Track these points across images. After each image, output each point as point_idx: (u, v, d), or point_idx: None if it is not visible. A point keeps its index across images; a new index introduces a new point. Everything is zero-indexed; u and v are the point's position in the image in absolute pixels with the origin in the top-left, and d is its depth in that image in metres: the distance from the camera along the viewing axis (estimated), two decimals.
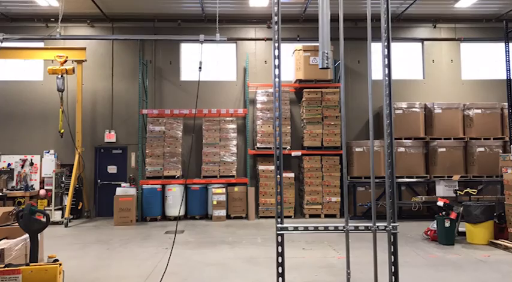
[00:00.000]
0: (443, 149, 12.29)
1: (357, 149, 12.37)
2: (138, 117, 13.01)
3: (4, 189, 12.22)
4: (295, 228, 3.71)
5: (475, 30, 14.11)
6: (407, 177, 12.18)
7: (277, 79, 3.67)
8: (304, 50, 12.78)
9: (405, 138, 12.44)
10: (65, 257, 6.02)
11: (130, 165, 13.39)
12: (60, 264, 4.37)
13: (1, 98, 13.37)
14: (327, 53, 4.02)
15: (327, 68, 4.06)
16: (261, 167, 12.65)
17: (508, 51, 11.16)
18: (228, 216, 12.33)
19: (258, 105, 12.87)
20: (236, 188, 12.47)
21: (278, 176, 3.70)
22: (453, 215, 8.73)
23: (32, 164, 12.85)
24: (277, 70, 3.67)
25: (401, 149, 12.33)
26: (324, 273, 6.66)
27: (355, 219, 11.75)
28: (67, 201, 11.82)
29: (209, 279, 6.57)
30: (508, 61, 11.15)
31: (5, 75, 13.64)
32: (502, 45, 11.73)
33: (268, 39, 13.76)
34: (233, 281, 6.45)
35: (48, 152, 12.87)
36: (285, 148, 12.44)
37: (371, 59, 3.73)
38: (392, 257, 3.61)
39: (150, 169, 12.51)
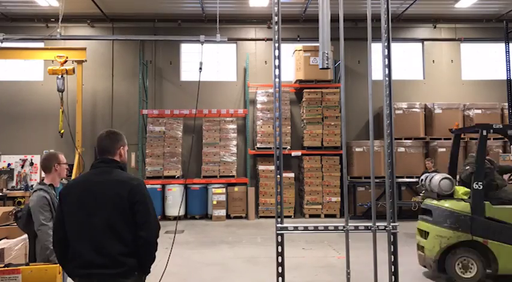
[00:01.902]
0: (444, 149, 12.28)
1: (357, 149, 12.36)
2: (138, 117, 13.01)
3: (4, 189, 12.21)
4: (295, 228, 3.71)
5: (475, 31, 14.10)
6: (407, 177, 12.18)
7: (277, 79, 3.67)
8: (304, 50, 12.78)
9: (405, 139, 12.44)
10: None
11: (130, 165, 13.38)
12: None
13: (1, 98, 13.37)
14: (327, 53, 4.02)
15: (327, 68, 4.06)
16: (261, 167, 12.65)
17: (508, 51, 11.16)
18: (228, 216, 12.33)
19: (258, 106, 12.87)
20: (236, 188, 12.47)
21: (278, 176, 3.70)
22: None
23: (32, 164, 12.84)
24: (277, 70, 3.66)
25: (402, 149, 12.33)
26: (324, 273, 6.66)
27: (355, 219, 11.75)
28: None
29: (209, 279, 6.57)
30: (508, 61, 11.16)
31: (5, 75, 13.65)
32: (502, 45, 11.74)
33: (268, 39, 13.76)
34: (233, 280, 6.45)
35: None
36: (285, 148, 12.44)
37: (371, 59, 3.73)
38: (392, 257, 3.61)
39: (150, 169, 12.51)
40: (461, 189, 6.33)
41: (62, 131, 12.13)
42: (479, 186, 6.05)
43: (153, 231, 2.78)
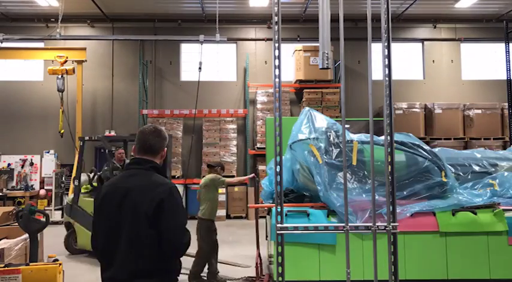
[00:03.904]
0: None
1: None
2: (138, 117, 13.01)
3: (4, 189, 12.22)
4: (295, 228, 3.71)
5: (475, 30, 14.10)
6: None
7: (277, 79, 3.67)
8: (304, 50, 12.78)
9: None
10: (64, 256, 6.02)
11: None
12: (60, 264, 4.36)
13: (1, 98, 13.37)
14: (327, 53, 4.02)
15: (327, 68, 4.05)
16: (261, 167, 12.63)
17: (508, 51, 11.15)
18: (228, 216, 12.33)
19: (258, 106, 12.88)
20: (236, 188, 12.46)
21: (278, 176, 3.70)
22: None
23: (32, 164, 12.85)
24: (277, 70, 3.66)
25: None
26: None
27: None
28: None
29: None
30: (508, 61, 11.14)
31: (5, 75, 13.64)
32: (502, 45, 11.72)
33: (268, 39, 13.75)
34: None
35: (48, 152, 12.87)
36: None
37: (371, 59, 3.73)
38: (392, 257, 3.61)
39: None
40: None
41: (62, 131, 12.14)
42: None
43: None
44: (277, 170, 3.66)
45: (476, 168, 5.91)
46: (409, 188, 5.14)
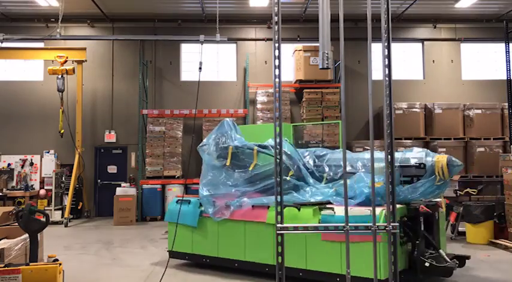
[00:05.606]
0: (444, 149, 12.26)
1: (357, 149, 12.35)
2: (138, 117, 13.01)
3: (4, 189, 12.22)
4: (295, 228, 3.72)
5: (475, 30, 14.10)
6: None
7: (277, 79, 3.67)
8: (304, 50, 12.78)
9: (405, 139, 12.42)
10: (64, 256, 6.03)
11: (130, 165, 13.39)
12: (60, 264, 4.37)
13: (1, 98, 13.37)
14: (327, 53, 4.02)
15: (327, 68, 4.06)
16: None
17: (508, 51, 11.15)
18: None
19: (258, 106, 12.88)
20: None
21: (278, 175, 3.70)
22: (453, 215, 8.74)
23: (32, 164, 12.85)
24: (277, 70, 3.66)
25: (401, 149, 12.30)
26: None
27: None
28: (67, 201, 11.82)
29: (209, 278, 6.57)
30: (508, 61, 11.14)
31: (5, 75, 13.64)
32: (502, 45, 11.72)
33: (268, 39, 13.76)
34: (234, 280, 6.45)
35: (48, 152, 12.87)
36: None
37: (371, 59, 3.73)
38: (392, 257, 3.61)
39: (150, 169, 12.51)
40: None
41: (62, 131, 12.15)
42: None
43: None
44: (277, 169, 3.66)
45: (348, 168, 6.45)
46: (264, 183, 6.52)
